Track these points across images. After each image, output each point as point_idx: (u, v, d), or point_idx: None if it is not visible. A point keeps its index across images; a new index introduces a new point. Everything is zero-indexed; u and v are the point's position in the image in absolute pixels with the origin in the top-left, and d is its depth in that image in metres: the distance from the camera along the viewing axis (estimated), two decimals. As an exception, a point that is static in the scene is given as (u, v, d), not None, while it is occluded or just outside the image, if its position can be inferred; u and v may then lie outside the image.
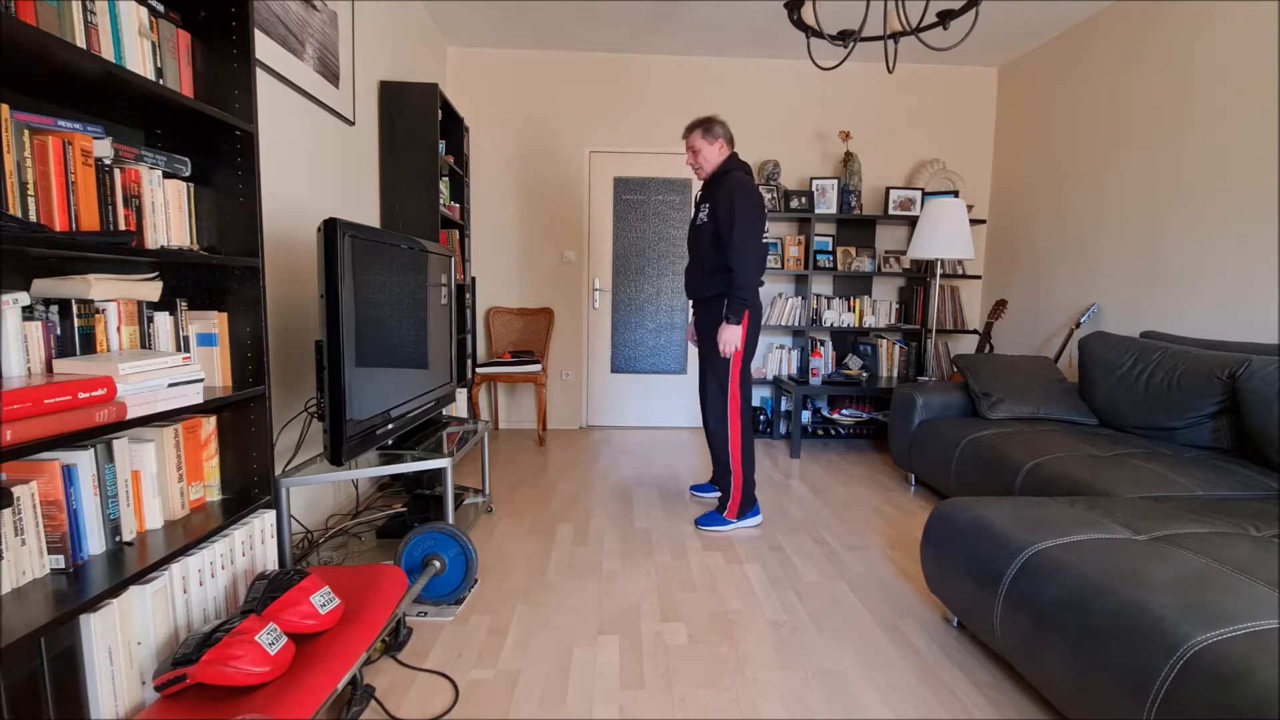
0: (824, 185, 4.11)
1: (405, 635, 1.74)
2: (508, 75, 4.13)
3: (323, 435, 1.79)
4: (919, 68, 4.24)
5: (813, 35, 2.22)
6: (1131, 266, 3.15)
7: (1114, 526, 1.56)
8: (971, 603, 1.63)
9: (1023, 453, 2.37)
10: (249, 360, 1.61)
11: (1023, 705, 1.51)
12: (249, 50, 1.54)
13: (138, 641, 1.21)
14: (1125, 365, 2.69)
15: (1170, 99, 2.94)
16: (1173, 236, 2.93)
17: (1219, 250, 2.71)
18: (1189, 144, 2.84)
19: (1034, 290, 3.87)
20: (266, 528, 1.61)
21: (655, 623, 1.86)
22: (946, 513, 1.80)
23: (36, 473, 1.16)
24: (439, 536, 1.92)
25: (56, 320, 1.25)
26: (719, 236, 2.49)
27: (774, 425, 4.26)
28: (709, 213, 2.53)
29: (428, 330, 2.41)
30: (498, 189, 4.21)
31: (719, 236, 2.49)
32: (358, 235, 1.81)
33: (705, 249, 2.56)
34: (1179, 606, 1.18)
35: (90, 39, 1.21)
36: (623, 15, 3.54)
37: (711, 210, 2.51)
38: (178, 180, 1.48)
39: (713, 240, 2.52)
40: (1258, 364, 2.21)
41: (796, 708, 1.49)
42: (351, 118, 2.72)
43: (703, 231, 2.56)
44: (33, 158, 1.14)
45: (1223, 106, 2.69)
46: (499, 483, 3.16)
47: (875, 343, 4.21)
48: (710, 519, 2.62)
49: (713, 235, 2.51)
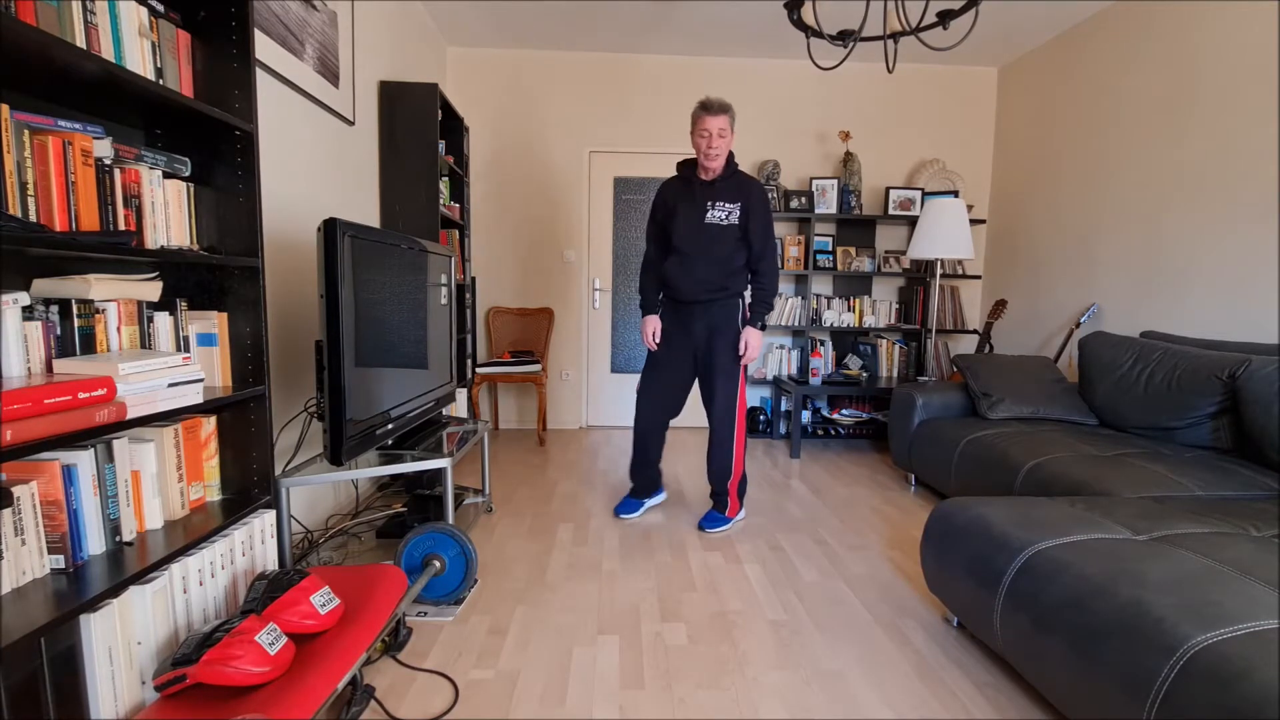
0: (824, 185, 4.11)
1: (405, 635, 1.74)
2: (508, 75, 4.13)
3: (323, 435, 1.79)
4: (919, 68, 4.24)
5: (813, 35, 2.22)
6: (1131, 266, 3.15)
7: (1114, 526, 1.56)
8: (971, 602, 1.63)
9: (1023, 453, 2.37)
10: (249, 360, 1.61)
11: (1023, 705, 1.51)
12: (249, 50, 1.54)
13: (138, 641, 1.21)
14: (1125, 365, 2.69)
15: (1170, 99, 2.94)
16: (1173, 236, 2.93)
17: (1219, 250, 2.71)
18: (1189, 144, 2.84)
19: (1034, 290, 3.87)
20: (266, 528, 1.61)
21: (655, 623, 1.86)
22: (946, 512, 1.80)
23: (36, 473, 1.16)
24: (439, 536, 1.92)
25: (56, 320, 1.25)
26: (746, 239, 2.49)
27: (774, 425, 4.26)
28: (738, 214, 2.46)
29: (428, 330, 2.41)
30: (498, 189, 4.21)
31: (746, 239, 2.49)
32: (358, 235, 1.81)
33: (725, 249, 2.48)
34: (1179, 606, 1.18)
35: (90, 39, 1.21)
36: (623, 15, 3.54)
37: (744, 212, 2.47)
38: (178, 180, 1.48)
39: (739, 241, 2.49)
40: (1258, 364, 2.21)
41: (796, 708, 1.49)
42: (351, 118, 2.72)
43: (725, 232, 2.47)
44: (33, 158, 1.14)
45: (1222, 106, 2.69)
46: (499, 483, 3.16)
47: (875, 343, 4.21)
48: (713, 520, 2.61)
49: (739, 237, 2.49)
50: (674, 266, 2.53)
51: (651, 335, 2.61)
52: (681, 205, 2.52)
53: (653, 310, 2.65)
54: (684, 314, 2.57)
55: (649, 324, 2.62)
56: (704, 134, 2.39)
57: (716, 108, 2.38)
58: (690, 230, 2.50)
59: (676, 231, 2.51)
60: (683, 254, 2.51)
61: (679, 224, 2.51)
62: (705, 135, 2.39)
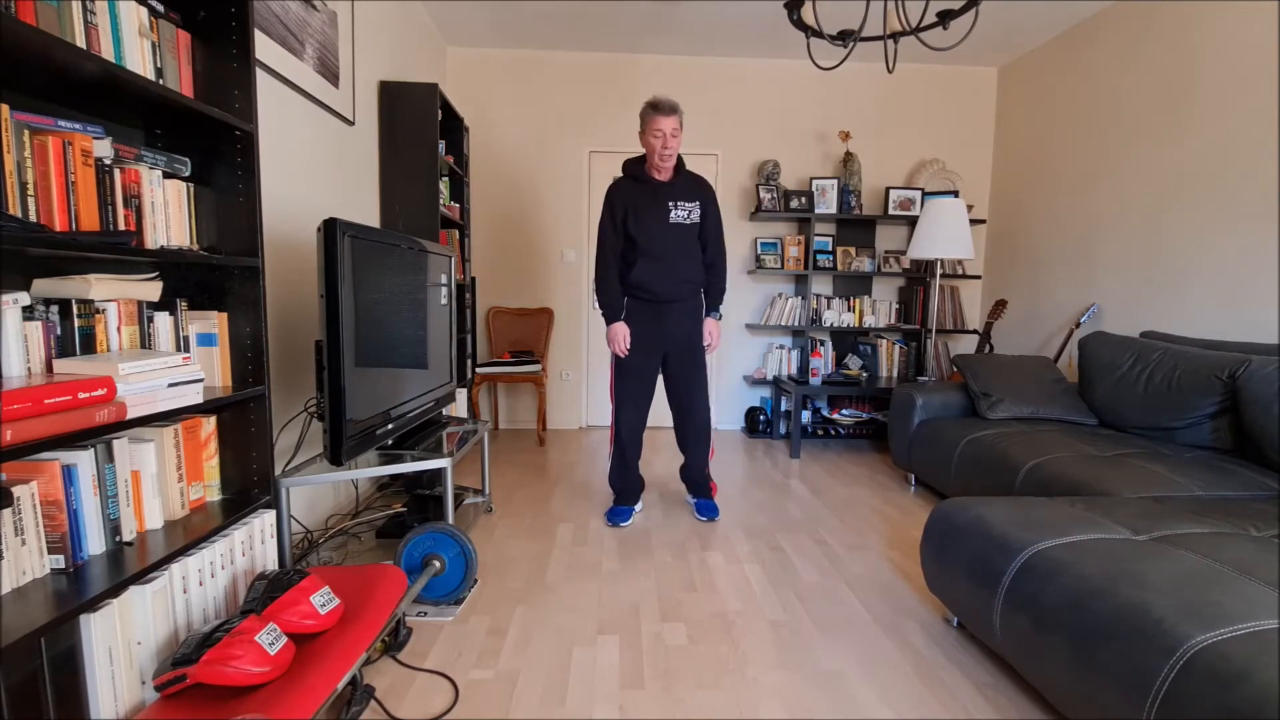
0: (824, 185, 4.11)
1: (405, 635, 1.74)
2: (507, 75, 4.13)
3: (323, 435, 1.79)
4: (919, 68, 4.24)
5: (813, 35, 2.22)
6: (1131, 266, 3.15)
7: (1114, 526, 1.56)
8: (971, 603, 1.63)
9: (1022, 453, 2.37)
10: (249, 360, 1.61)
11: (1023, 705, 1.51)
12: (249, 50, 1.54)
13: (138, 641, 1.22)
14: (1125, 365, 2.69)
15: (1170, 99, 2.94)
16: (1173, 236, 2.93)
17: (1219, 250, 2.71)
18: (1189, 144, 2.84)
19: (1034, 290, 3.87)
20: (266, 528, 1.61)
21: (655, 623, 1.86)
22: (946, 513, 1.80)
23: (36, 473, 1.16)
24: (439, 536, 1.92)
25: (56, 320, 1.25)
26: (704, 236, 2.59)
27: (774, 425, 4.26)
28: (697, 213, 2.55)
29: (428, 330, 2.41)
30: (498, 189, 4.21)
31: (704, 236, 2.59)
32: (358, 235, 1.81)
33: (694, 247, 2.58)
34: (1179, 606, 1.18)
35: (90, 39, 1.21)
36: (623, 15, 3.54)
37: (703, 209, 2.57)
38: (178, 180, 1.48)
39: (698, 240, 2.59)
40: (1258, 364, 2.21)
41: (796, 708, 1.49)
42: (351, 118, 2.72)
43: (690, 230, 2.55)
44: (33, 158, 1.14)
45: (1222, 106, 2.69)
46: (499, 483, 3.16)
47: (875, 343, 4.21)
48: (711, 507, 2.69)
49: (699, 234, 2.59)
50: (646, 269, 2.52)
51: (622, 342, 2.55)
52: (643, 207, 2.51)
53: (618, 317, 2.57)
54: (656, 314, 2.57)
55: (619, 331, 2.55)
56: (658, 134, 2.39)
57: (668, 108, 2.36)
58: (659, 232, 2.51)
59: (644, 234, 2.50)
60: (656, 255, 2.52)
61: (645, 226, 2.50)
62: (659, 135, 2.39)
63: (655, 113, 2.37)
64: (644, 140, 2.44)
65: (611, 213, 2.53)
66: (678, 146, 2.43)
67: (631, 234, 2.51)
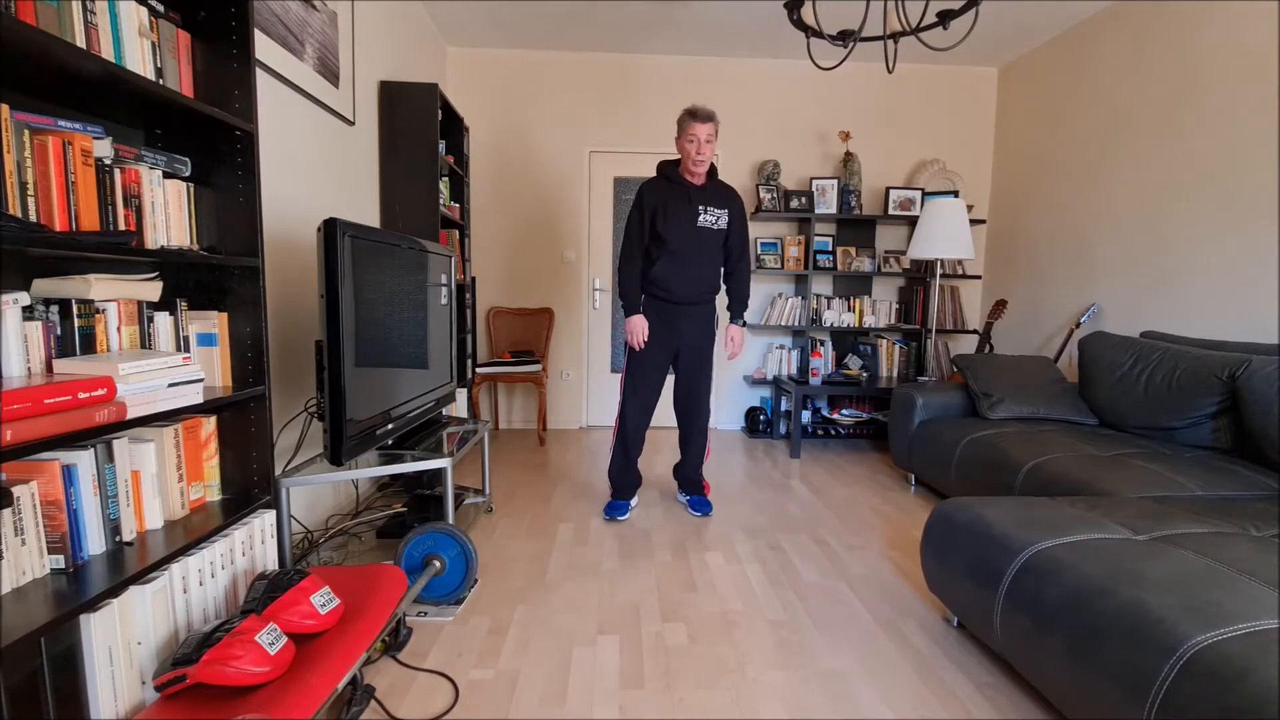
0: (824, 185, 4.11)
1: (405, 635, 1.74)
2: (508, 75, 4.13)
3: (323, 435, 1.79)
4: (919, 68, 4.24)
5: (813, 35, 2.22)
6: (1131, 266, 3.15)
7: (1114, 526, 1.56)
8: (971, 602, 1.63)
9: (1023, 453, 2.37)
10: (249, 360, 1.61)
11: (1023, 705, 1.51)
12: (249, 50, 1.54)
13: (138, 641, 1.21)
14: (1125, 365, 2.69)
15: (1170, 99, 2.94)
16: (1173, 236, 2.93)
17: (1219, 250, 2.71)
18: (1189, 144, 2.84)
19: (1034, 290, 3.87)
20: (266, 528, 1.61)
21: (655, 623, 1.86)
22: (946, 513, 1.80)
23: (36, 473, 1.16)
24: (439, 536, 1.92)
25: (56, 320, 1.25)
26: (728, 244, 2.65)
27: (774, 425, 4.26)
28: (725, 220, 2.60)
29: (428, 330, 2.41)
30: (498, 189, 4.21)
31: (728, 244, 2.65)
32: (358, 235, 1.81)
33: (714, 253, 2.63)
34: (1179, 606, 1.18)
35: (90, 39, 1.21)
36: (623, 15, 3.54)
37: (731, 218, 2.62)
38: (178, 180, 1.48)
39: (723, 246, 2.65)
40: (1258, 364, 2.21)
41: (796, 708, 1.49)
42: (351, 118, 2.72)
43: (715, 236, 2.61)
44: (33, 158, 1.14)
45: (1223, 106, 2.69)
46: (499, 483, 3.16)
47: (875, 343, 4.20)
48: (700, 503, 2.75)
49: (725, 241, 2.64)
50: (666, 267, 2.57)
51: (640, 334, 2.60)
52: (673, 206, 2.55)
53: (638, 310, 2.63)
54: (671, 314, 2.63)
55: (637, 323, 2.60)
56: (692, 139, 2.46)
57: (704, 115, 2.45)
58: (686, 233, 2.56)
59: (671, 233, 2.55)
60: (680, 255, 2.57)
61: (672, 226, 2.54)
62: (694, 141, 2.46)
63: (692, 119, 2.46)
64: (679, 145, 2.53)
65: (639, 207, 2.60)
66: (711, 152, 2.50)
67: (659, 231, 2.55)
